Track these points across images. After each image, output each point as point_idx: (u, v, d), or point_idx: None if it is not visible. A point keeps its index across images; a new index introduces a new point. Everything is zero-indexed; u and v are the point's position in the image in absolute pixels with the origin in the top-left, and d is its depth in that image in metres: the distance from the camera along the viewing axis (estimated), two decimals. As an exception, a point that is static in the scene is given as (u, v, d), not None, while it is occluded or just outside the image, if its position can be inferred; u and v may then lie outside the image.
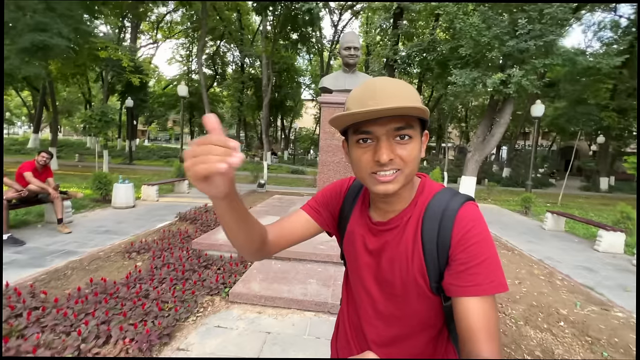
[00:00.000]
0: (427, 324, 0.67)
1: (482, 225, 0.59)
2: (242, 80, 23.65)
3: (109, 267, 3.51)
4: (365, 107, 0.53)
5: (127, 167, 14.98)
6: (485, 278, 0.55)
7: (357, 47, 4.91)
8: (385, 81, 0.58)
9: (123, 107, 20.19)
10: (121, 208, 6.35)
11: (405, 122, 0.57)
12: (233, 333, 2.42)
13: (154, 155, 21.01)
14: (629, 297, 3.53)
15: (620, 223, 5.95)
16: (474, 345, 0.52)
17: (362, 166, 0.60)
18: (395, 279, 0.65)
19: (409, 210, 0.66)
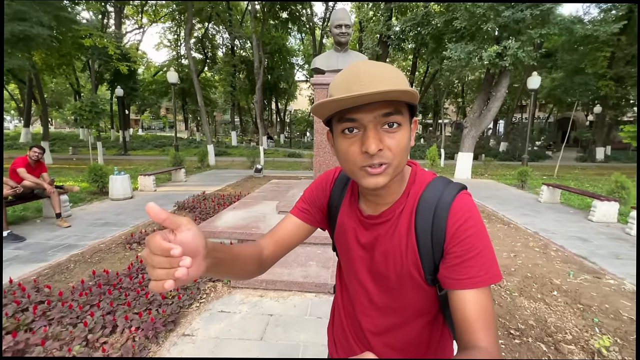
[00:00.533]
0: (422, 312, 0.68)
1: (476, 216, 0.58)
2: (234, 64, 23.04)
3: (110, 258, 3.56)
4: (349, 93, 0.50)
5: (122, 158, 14.86)
6: (479, 270, 0.55)
7: (349, 24, 4.77)
8: (370, 64, 0.54)
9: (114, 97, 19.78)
10: (119, 200, 6.36)
11: (394, 107, 0.53)
12: (236, 317, 2.49)
13: (148, 145, 20.80)
14: (621, 265, 3.63)
15: (614, 192, 6.01)
16: (471, 336, 0.53)
17: (350, 159, 0.56)
18: (389, 273, 0.65)
19: (401, 202, 0.64)
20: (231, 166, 12.57)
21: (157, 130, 46.72)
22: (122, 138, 17.46)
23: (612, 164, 16.02)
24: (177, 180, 8.84)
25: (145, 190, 7.35)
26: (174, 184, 8.41)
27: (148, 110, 30.97)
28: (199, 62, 25.11)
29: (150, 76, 28.39)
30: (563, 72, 17.90)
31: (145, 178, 7.36)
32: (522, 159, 10.87)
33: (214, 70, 26.24)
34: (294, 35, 26.78)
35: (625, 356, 2.10)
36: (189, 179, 9.22)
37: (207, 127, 13.35)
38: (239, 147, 21.89)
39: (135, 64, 16.39)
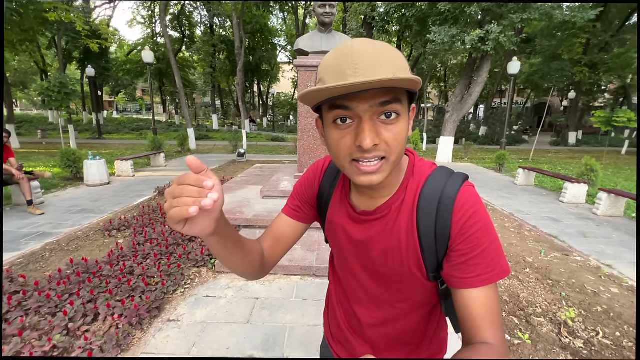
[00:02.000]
0: (421, 305, 0.66)
1: (482, 210, 0.54)
2: (213, 43, 22.09)
3: (89, 246, 3.45)
4: (343, 80, 0.45)
5: (96, 142, 14.19)
6: (487, 267, 0.52)
7: (333, 4, 4.63)
8: (366, 44, 0.47)
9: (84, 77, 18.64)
10: (95, 185, 6.11)
11: (393, 95, 0.47)
12: (222, 301, 2.50)
13: (124, 128, 19.91)
14: (588, 243, 3.88)
15: (584, 175, 6.34)
16: (477, 333, 0.51)
17: (341, 152, 0.51)
18: (387, 270, 0.62)
19: (398, 196, 0.59)
20: (213, 150, 12.28)
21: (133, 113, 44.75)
22: (96, 121, 16.62)
23: (583, 148, 16.79)
24: (157, 165, 8.57)
25: (123, 175, 7.09)
26: (154, 169, 8.16)
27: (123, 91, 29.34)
28: (176, 41, 23.92)
29: (123, 55, 26.83)
30: (541, 57, 18.32)
31: (123, 163, 7.08)
32: (501, 143, 11.20)
33: (192, 50, 25.09)
34: (276, 15, 25.83)
35: (587, 326, 2.27)
36: (169, 164, 8.96)
37: (187, 110, 12.88)
38: (221, 130, 21.36)
39: (107, 42, 15.46)
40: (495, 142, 17.02)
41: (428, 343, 0.70)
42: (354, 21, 13.89)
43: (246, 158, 9.77)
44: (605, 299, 2.62)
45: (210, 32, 22.93)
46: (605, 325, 2.28)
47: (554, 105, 27.43)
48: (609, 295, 2.69)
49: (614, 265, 3.28)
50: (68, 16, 10.84)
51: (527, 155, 12.28)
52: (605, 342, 2.12)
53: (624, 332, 2.22)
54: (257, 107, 32.83)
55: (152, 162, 8.61)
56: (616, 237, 4.09)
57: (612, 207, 4.98)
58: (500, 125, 17.42)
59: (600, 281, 2.93)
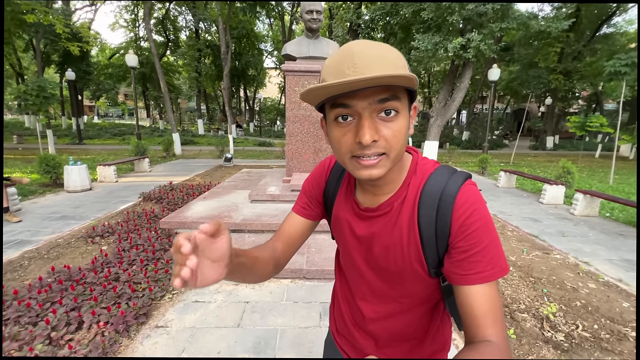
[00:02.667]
0: (423, 301, 0.67)
1: (483, 208, 0.55)
2: (199, 48, 21.88)
3: (70, 253, 3.34)
4: (342, 77, 0.46)
5: (76, 148, 13.75)
6: (486, 265, 0.53)
7: (320, 10, 4.72)
8: (365, 45, 0.49)
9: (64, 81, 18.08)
10: (76, 192, 5.92)
11: (391, 92, 0.49)
12: (212, 306, 2.47)
13: (106, 133, 19.37)
14: (566, 241, 4.04)
15: (561, 177, 6.61)
16: (479, 330, 0.51)
17: (342, 149, 0.53)
18: (390, 266, 0.63)
19: (401, 193, 0.60)
20: (199, 155, 12.12)
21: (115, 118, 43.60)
22: (76, 126, 16.11)
23: (560, 151, 17.49)
24: (141, 170, 8.38)
25: (106, 181, 6.90)
26: (138, 175, 7.97)
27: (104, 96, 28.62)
28: (161, 46, 23.60)
29: (105, 59, 26.23)
30: (519, 65, 19.08)
31: (105, 168, 6.90)
32: (483, 147, 11.55)
33: (177, 54, 24.78)
34: (262, 20, 25.89)
35: (568, 320, 2.37)
36: (154, 169, 8.78)
37: (172, 115, 12.67)
38: (206, 135, 21.09)
39: (88, 45, 15.09)
40: (477, 147, 17.51)
41: (431, 339, 0.71)
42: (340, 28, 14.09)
43: (233, 163, 9.69)
44: (583, 294, 2.73)
45: (196, 36, 22.73)
46: (584, 319, 2.38)
47: (532, 111, 28.51)
48: (587, 290, 2.81)
49: (590, 262, 3.44)
50: (47, 18, 10.56)
51: (508, 158, 12.70)
52: (585, 334, 2.21)
53: (601, 324, 2.32)
54: (244, 112, 32.66)
55: (136, 168, 8.42)
56: (592, 236, 4.28)
57: (588, 207, 5.21)
58: (482, 130, 17.97)
59: (579, 277, 3.06)
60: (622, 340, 2.16)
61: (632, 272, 3.24)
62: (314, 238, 3.56)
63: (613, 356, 2.01)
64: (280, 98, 32.30)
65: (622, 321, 2.36)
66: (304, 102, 4.85)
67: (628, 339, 2.17)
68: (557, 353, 2.03)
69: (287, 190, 4.61)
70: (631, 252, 3.76)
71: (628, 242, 4.07)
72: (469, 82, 10.48)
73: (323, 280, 2.86)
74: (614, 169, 8.49)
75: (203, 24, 22.22)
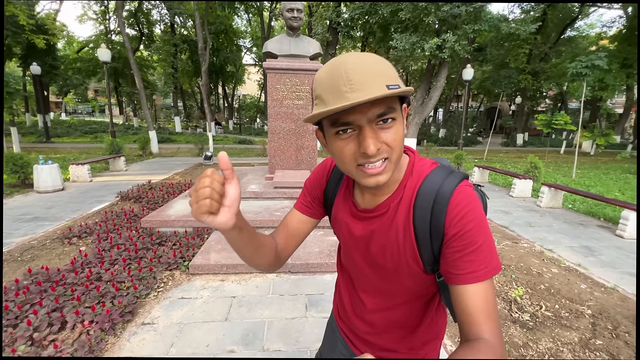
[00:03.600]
0: (419, 295, 0.70)
1: (476, 209, 0.56)
2: (174, 43, 21.19)
3: (46, 255, 3.24)
4: (340, 97, 0.49)
5: (44, 146, 13.04)
6: (480, 264, 0.54)
7: (300, 9, 4.77)
8: (357, 59, 0.51)
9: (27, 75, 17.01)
10: (47, 192, 5.67)
11: (387, 105, 0.51)
12: (198, 302, 2.49)
13: (76, 131, 18.44)
14: (533, 231, 4.34)
15: (529, 172, 7.04)
16: (473, 327, 0.52)
17: (346, 159, 0.55)
18: (386, 263, 0.65)
19: (397, 195, 0.62)
20: (177, 154, 11.84)
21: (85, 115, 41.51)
22: (43, 123, 15.25)
23: (529, 148, 18.45)
24: (117, 169, 8.11)
25: (79, 180, 6.64)
26: (114, 174, 7.71)
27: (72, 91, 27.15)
28: (133, 40, 22.64)
29: (73, 52, 24.85)
30: (491, 65, 19.92)
31: (79, 167, 6.63)
32: (458, 144, 12.02)
33: (151, 49, 23.87)
34: (241, 16, 25.45)
35: (533, 301, 2.59)
36: (130, 168, 8.52)
37: (148, 112, 12.28)
38: (184, 133, 20.57)
39: (55, 37, 14.28)
40: (453, 143, 18.15)
41: (425, 328, 0.74)
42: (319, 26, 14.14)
43: (213, 161, 9.56)
44: (547, 278, 2.98)
45: (172, 31, 22.01)
46: (547, 300, 2.61)
47: (504, 109, 29.82)
48: (550, 275, 3.06)
49: (554, 249, 3.73)
50: (10, 8, 9.92)
51: (481, 155, 13.28)
52: (547, 314, 2.43)
53: (562, 304, 2.55)
54: (222, 110, 32.03)
55: (112, 166, 8.13)
56: (556, 226, 4.62)
57: (553, 199, 5.60)
58: (458, 127, 18.64)
59: (543, 264, 3.32)
60: (579, 317, 2.39)
61: (590, 257, 3.55)
62: (298, 233, 3.63)
63: (571, 331, 2.23)
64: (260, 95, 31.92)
65: (580, 301, 2.61)
66: (286, 100, 4.91)
67: (584, 316, 2.41)
68: (524, 331, 2.22)
69: (270, 187, 4.64)
70: (589, 239, 4.10)
71: (587, 231, 4.43)
72: (444, 81, 10.86)
73: (308, 273, 2.94)
74: (577, 164, 9.11)
75: (179, 19, 21.56)
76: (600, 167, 10.91)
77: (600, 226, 4.67)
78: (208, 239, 3.43)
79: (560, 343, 2.11)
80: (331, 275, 2.92)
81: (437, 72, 10.95)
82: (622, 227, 4.21)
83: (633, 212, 4.11)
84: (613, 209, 5.29)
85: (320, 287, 2.73)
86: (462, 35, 9.08)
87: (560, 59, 16.96)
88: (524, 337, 2.16)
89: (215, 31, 21.79)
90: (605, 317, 2.39)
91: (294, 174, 4.95)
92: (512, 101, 24.01)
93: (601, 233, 4.36)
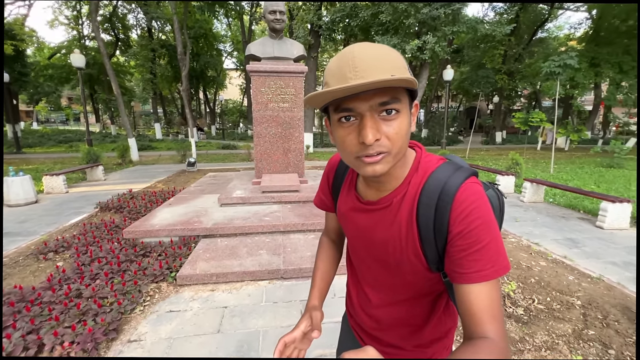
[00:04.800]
0: (424, 292, 0.69)
1: (483, 207, 0.55)
2: (152, 48, 20.66)
3: (19, 273, 3.03)
4: (344, 82, 0.49)
5: (15, 157, 12.38)
6: (486, 263, 0.52)
7: (283, 11, 4.73)
8: (365, 48, 0.51)
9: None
10: (19, 205, 5.35)
11: (391, 95, 0.51)
12: (188, 314, 2.38)
13: (49, 141, 17.62)
14: (519, 226, 4.44)
15: (511, 168, 7.25)
16: (477, 327, 0.52)
17: (347, 149, 0.55)
18: (389, 257, 0.65)
19: (401, 190, 0.61)
20: (159, 161, 11.50)
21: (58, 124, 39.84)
22: (13, 133, 14.50)
23: (507, 145, 19.06)
24: (94, 179, 7.77)
25: (54, 192, 6.31)
26: (91, 184, 7.38)
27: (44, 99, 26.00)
28: (109, 45, 21.95)
29: (44, 58, 23.83)
30: (469, 66, 20.52)
31: (53, 178, 6.30)
32: (441, 144, 12.25)
33: (128, 54, 23.21)
34: (221, 20, 25.16)
35: (525, 295, 2.62)
36: (109, 177, 8.19)
37: (127, 119, 11.86)
38: (165, 140, 20.06)
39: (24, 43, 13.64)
40: (435, 143, 18.51)
41: (432, 327, 0.73)
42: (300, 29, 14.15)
43: (197, 167, 9.33)
44: (536, 272, 3.03)
45: (149, 35, 21.48)
46: (539, 293, 2.65)
47: (482, 109, 30.72)
48: (539, 268, 3.12)
49: (540, 243, 3.81)
50: (-28, 13, 9.38)
51: (463, 153, 13.59)
52: (540, 307, 2.46)
53: (553, 297, 2.60)
54: (204, 115, 31.47)
55: (89, 176, 7.79)
56: (540, 220, 4.75)
57: (535, 194, 5.76)
58: (440, 127, 19.04)
59: (532, 257, 3.38)
60: (570, 309, 2.44)
61: (575, 249, 3.65)
62: (288, 238, 3.57)
63: (564, 323, 2.26)
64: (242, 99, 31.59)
65: (569, 292, 2.66)
66: (271, 103, 4.84)
67: (575, 307, 2.45)
68: (519, 325, 2.24)
69: (258, 192, 4.55)
70: (572, 231, 4.23)
71: (569, 224, 4.57)
72: (426, 81, 11.08)
73: (301, 278, 2.87)
74: (554, 160, 9.46)
75: (156, 23, 21.05)
76: (576, 161, 11.37)
77: (580, 218, 4.83)
78: (195, 248, 3.30)
79: (555, 335, 2.13)
80: (325, 279, 2.86)
81: (418, 73, 11.16)
82: (602, 218, 4.37)
83: (611, 204, 4.27)
84: (591, 201, 5.49)
85: (315, 292, 2.66)
86: (441, 36, 9.30)
87: (534, 59, 17.66)
88: (520, 332, 2.17)
89: (195, 35, 21.43)
90: (595, 307, 2.44)
91: (281, 177, 4.88)
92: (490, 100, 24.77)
93: (582, 225, 4.51)
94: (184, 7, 15.28)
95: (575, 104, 15.64)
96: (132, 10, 21.94)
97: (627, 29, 13.00)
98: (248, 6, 20.51)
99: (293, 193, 4.53)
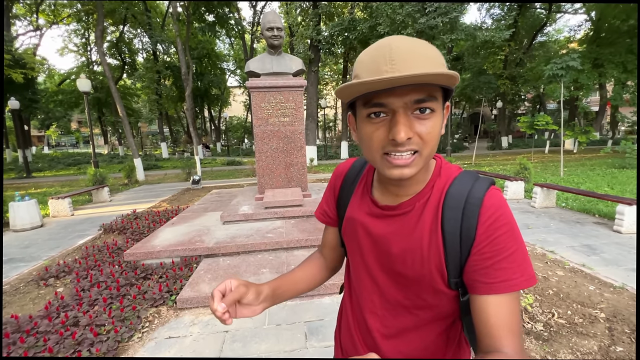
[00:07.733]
0: (439, 316, 0.61)
1: (509, 214, 0.53)
2: (157, 70, 21.21)
3: (19, 301, 2.97)
4: (379, 75, 0.44)
5: (24, 182, 12.60)
6: (514, 272, 0.49)
7: (280, 27, 4.77)
8: (403, 40, 0.47)
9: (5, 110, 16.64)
10: (25, 230, 5.36)
11: (428, 92, 0.47)
12: (187, 340, 2.28)
13: (59, 164, 18.02)
14: (531, 233, 4.26)
15: (519, 173, 7.07)
16: (494, 341, 0.48)
17: (374, 145, 0.51)
18: (407, 270, 0.58)
19: (424, 194, 0.58)
20: (164, 180, 11.57)
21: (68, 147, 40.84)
22: (23, 158, 14.83)
23: (514, 150, 18.83)
24: (100, 200, 7.81)
25: (60, 215, 6.33)
26: (97, 205, 7.41)
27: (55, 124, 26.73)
28: (116, 69, 22.65)
29: (54, 85, 24.64)
30: (470, 73, 20.54)
31: (59, 201, 6.33)
32: (446, 151, 12.14)
33: (134, 77, 23.85)
34: (223, 40, 25.84)
35: (544, 309, 2.46)
36: (115, 198, 8.22)
37: (132, 139, 12.05)
38: (171, 159, 20.32)
39: (34, 71, 14.11)
40: (441, 150, 18.37)
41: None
42: (301, 44, 14.39)
43: (202, 185, 9.34)
44: (554, 282, 2.87)
45: (154, 58, 22.09)
46: (558, 306, 2.48)
47: (486, 114, 30.57)
48: (557, 278, 2.95)
49: (555, 250, 3.64)
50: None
51: (469, 160, 13.42)
52: (561, 321, 2.30)
53: (574, 310, 2.43)
54: (209, 132, 31.93)
55: (95, 198, 7.83)
56: (553, 226, 4.57)
57: (546, 199, 5.58)
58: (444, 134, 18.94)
59: (548, 266, 3.21)
60: (594, 322, 2.27)
61: (593, 256, 3.47)
62: (292, 255, 3.47)
63: (589, 339, 2.09)
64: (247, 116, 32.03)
65: (591, 304, 2.49)
66: (271, 118, 4.83)
67: (599, 321, 2.28)
68: (540, 343, 2.08)
69: (261, 208, 4.48)
70: (589, 237, 4.04)
71: (585, 229, 4.38)
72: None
73: (305, 298, 2.76)
74: (563, 162, 9.25)
75: (161, 46, 21.70)
76: (586, 163, 11.11)
77: (596, 223, 4.64)
78: (197, 269, 3.22)
79: (579, 354, 1.97)
80: (330, 298, 2.74)
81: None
82: (619, 222, 4.18)
83: (628, 207, 4.08)
84: (606, 205, 5.29)
85: (320, 313, 2.54)
86: (440, 45, 9.33)
87: (535, 62, 17.61)
88: (541, 350, 2.02)
89: (198, 56, 22.00)
90: (621, 320, 2.27)
91: (284, 192, 4.81)
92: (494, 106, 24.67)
93: (599, 230, 4.32)
94: (187, 29, 15.72)
95: (581, 105, 15.42)
96: (138, 35, 22.68)
97: (628, 28, 12.91)
98: (249, 25, 21.04)
99: (296, 207, 4.44)
